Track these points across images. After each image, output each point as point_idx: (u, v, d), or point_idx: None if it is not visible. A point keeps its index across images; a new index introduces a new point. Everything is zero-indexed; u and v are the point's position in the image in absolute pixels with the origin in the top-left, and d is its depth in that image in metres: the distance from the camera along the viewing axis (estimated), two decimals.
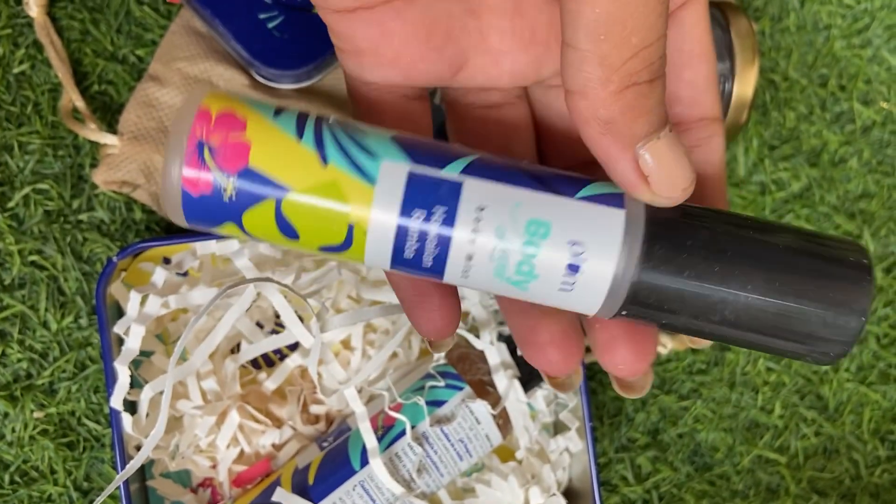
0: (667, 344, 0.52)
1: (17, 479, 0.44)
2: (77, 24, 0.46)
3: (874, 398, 0.55)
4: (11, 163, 0.44)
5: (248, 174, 0.21)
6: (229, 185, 0.21)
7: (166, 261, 0.43)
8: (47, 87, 0.45)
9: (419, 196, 0.21)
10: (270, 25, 0.42)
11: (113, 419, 0.37)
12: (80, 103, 0.44)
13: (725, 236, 0.22)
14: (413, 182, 0.21)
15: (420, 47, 0.23)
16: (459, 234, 0.21)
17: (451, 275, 0.22)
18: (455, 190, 0.21)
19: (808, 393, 0.55)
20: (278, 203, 0.21)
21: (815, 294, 0.22)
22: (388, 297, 0.42)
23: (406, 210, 0.21)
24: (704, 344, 0.43)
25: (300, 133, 0.21)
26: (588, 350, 0.51)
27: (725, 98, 0.47)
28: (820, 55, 0.56)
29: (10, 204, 0.44)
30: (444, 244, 0.21)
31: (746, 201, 0.55)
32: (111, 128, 0.45)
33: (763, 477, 0.53)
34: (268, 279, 0.35)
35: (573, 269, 0.21)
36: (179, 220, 0.22)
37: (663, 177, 0.21)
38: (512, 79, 0.25)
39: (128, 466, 0.35)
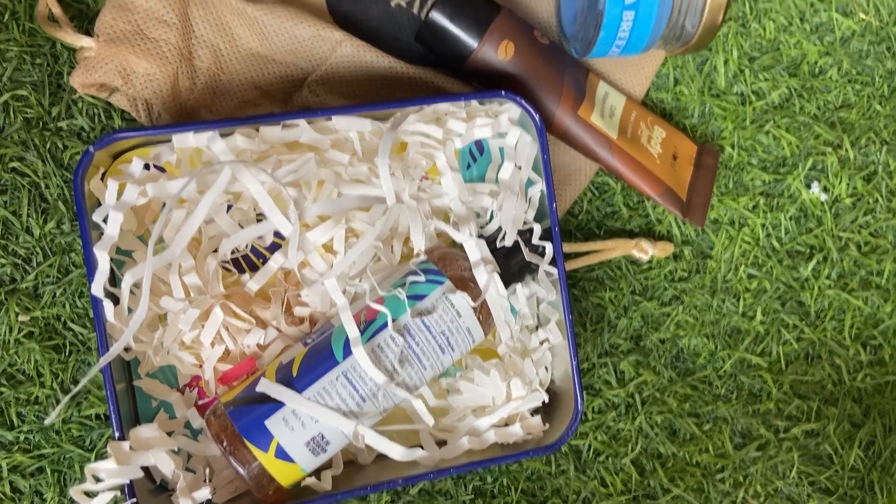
0: (648, 250, 0.52)
1: (3, 381, 0.44)
2: None
3: (856, 304, 0.55)
4: None
5: None
6: None
7: (146, 167, 0.43)
8: None
9: None
10: None
11: (95, 308, 0.38)
12: (56, 9, 0.44)
13: None
14: None
15: None
16: None
17: None
18: None
19: (790, 299, 0.55)
20: None
21: None
22: (368, 191, 0.42)
23: None
24: None
25: None
26: (567, 257, 0.51)
27: None
28: None
29: None
30: None
31: (727, 112, 0.55)
32: (88, 34, 0.45)
33: (745, 381, 0.54)
34: (242, 161, 0.35)
35: None
36: None
37: None
38: None
39: (111, 349, 0.36)
